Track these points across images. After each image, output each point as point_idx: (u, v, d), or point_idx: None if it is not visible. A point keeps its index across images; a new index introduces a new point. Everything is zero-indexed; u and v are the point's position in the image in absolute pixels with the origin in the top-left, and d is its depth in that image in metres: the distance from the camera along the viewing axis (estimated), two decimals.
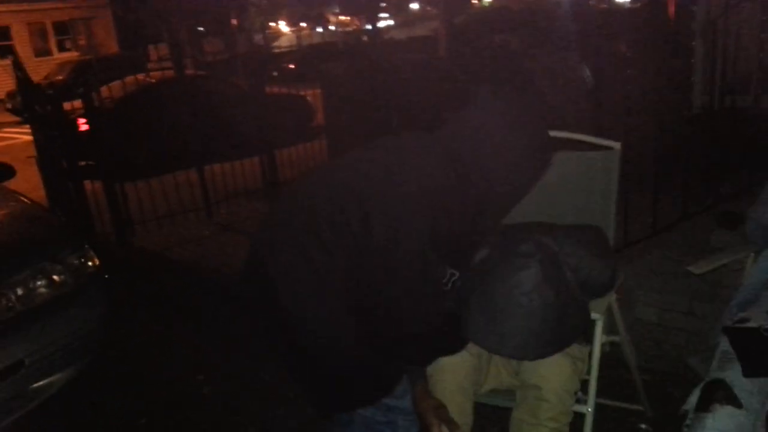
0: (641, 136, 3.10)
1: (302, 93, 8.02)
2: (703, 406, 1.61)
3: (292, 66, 10.75)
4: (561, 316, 1.62)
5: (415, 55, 8.67)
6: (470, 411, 1.82)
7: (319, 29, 17.31)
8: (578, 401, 1.80)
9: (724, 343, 1.74)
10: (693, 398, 1.69)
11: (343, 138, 5.81)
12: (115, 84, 5.93)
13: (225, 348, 3.20)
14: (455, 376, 1.76)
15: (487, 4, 22.97)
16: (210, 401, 2.79)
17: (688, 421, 1.67)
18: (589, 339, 1.84)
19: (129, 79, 6.18)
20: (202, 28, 18.40)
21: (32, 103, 5.07)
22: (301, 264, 1.48)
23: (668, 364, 2.61)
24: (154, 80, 7.03)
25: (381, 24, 14.70)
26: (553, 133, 2.23)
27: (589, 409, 1.79)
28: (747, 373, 1.61)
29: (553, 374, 1.68)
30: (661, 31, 4.26)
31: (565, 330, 1.64)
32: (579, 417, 1.80)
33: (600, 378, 1.85)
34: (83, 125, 5.45)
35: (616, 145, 2.07)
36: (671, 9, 4.37)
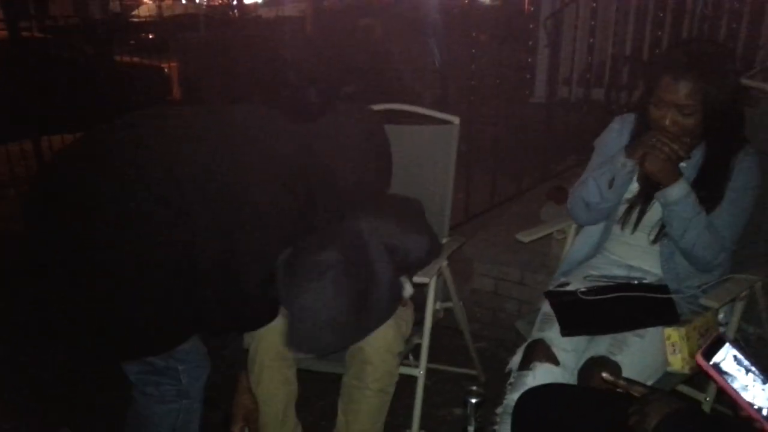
0: (485, 120, 3.27)
1: (160, 64, 7.57)
2: (525, 364, 1.71)
3: (151, 36, 10.12)
4: (362, 309, 1.66)
5: (280, 32, 8.50)
6: (293, 378, 1.82)
7: (183, 0, 16.38)
8: (410, 365, 1.86)
9: (545, 306, 1.86)
10: (516, 357, 1.79)
11: None
12: None
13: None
14: (275, 342, 1.74)
15: None
16: None
17: (511, 379, 1.78)
18: (418, 305, 1.90)
19: None
20: None
21: None
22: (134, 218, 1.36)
23: (502, 331, 2.76)
24: None
25: (249, 0, 14.22)
26: (397, 106, 2.29)
27: (421, 372, 1.84)
28: (564, 332, 1.71)
29: (376, 337, 1.71)
30: (511, 25, 4.51)
31: (371, 316, 1.69)
32: (413, 380, 1.86)
33: (435, 344, 1.91)
34: None
35: (455, 119, 2.15)
36: (523, 6, 4.63)
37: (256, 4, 15.04)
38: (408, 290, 1.79)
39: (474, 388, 2.21)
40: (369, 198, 1.74)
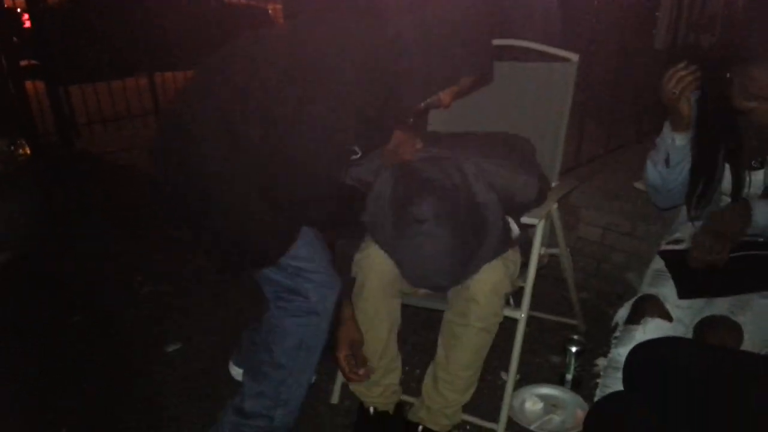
0: (603, 62, 3.07)
1: (264, 6, 7.70)
2: (634, 318, 1.63)
3: None
4: (469, 252, 1.64)
5: None
6: (398, 311, 1.83)
7: None
8: (512, 307, 1.81)
9: (657, 262, 1.74)
10: (623, 311, 1.70)
11: None
12: None
13: (165, 251, 3.13)
14: (381, 277, 1.75)
15: None
16: (148, 301, 2.74)
17: (617, 333, 1.70)
18: (524, 248, 1.84)
19: None
20: None
21: None
22: (217, 131, 1.44)
23: (606, 283, 2.66)
24: None
25: None
26: (513, 42, 2.18)
27: (522, 315, 1.79)
28: (682, 294, 1.61)
29: (484, 275, 1.67)
30: None
31: (479, 256, 1.66)
32: (513, 322, 1.82)
33: (536, 291, 1.85)
34: (27, 22, 5.10)
35: (574, 56, 2.02)
36: None
37: None
38: (515, 230, 1.73)
39: (575, 337, 2.16)
40: (450, 79, 1.52)
